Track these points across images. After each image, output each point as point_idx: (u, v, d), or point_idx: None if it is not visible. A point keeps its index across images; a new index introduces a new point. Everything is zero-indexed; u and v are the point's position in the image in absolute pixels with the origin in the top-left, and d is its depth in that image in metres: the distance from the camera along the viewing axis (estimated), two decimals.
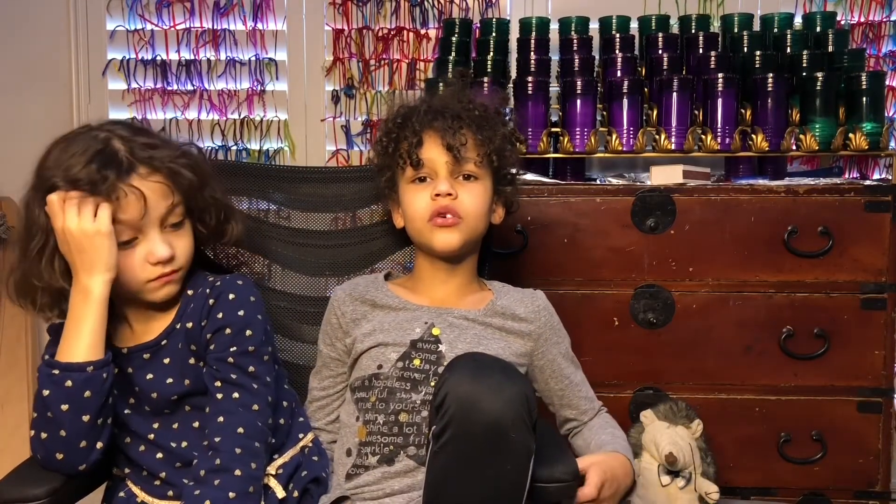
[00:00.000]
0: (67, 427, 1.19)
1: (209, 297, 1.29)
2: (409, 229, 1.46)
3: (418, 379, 1.34)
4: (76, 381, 1.18)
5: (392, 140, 1.45)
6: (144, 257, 1.24)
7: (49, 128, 2.57)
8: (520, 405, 1.12)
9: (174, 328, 1.30)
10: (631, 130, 2.01)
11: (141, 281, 1.25)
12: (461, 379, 1.13)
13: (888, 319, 1.83)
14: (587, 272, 1.87)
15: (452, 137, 1.38)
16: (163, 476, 1.29)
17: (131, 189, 1.21)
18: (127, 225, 1.22)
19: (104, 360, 1.21)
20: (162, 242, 1.25)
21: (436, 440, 1.14)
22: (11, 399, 2.33)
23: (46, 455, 1.22)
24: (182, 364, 1.29)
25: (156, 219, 1.24)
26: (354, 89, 2.50)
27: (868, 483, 1.86)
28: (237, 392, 1.25)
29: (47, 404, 1.18)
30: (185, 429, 1.30)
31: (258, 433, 1.25)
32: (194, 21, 2.51)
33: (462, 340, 1.37)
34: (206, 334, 1.27)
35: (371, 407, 1.35)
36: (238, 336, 1.27)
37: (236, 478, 1.20)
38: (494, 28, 2.26)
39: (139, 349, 1.30)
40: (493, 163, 1.43)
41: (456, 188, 1.39)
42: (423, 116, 1.42)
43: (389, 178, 1.48)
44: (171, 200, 1.25)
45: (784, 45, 2.15)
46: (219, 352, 1.26)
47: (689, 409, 1.72)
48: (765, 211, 1.84)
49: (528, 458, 1.15)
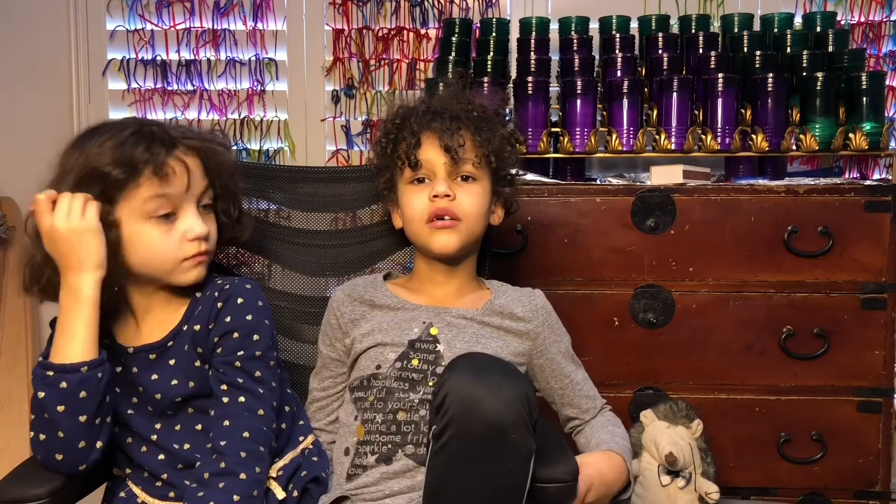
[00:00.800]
0: (65, 428, 1.19)
1: (217, 300, 1.28)
2: (407, 230, 1.46)
3: (416, 379, 1.34)
4: (70, 382, 1.18)
5: (391, 140, 1.45)
6: (183, 234, 1.25)
7: (49, 128, 2.61)
8: (520, 406, 1.12)
9: (181, 329, 1.30)
10: (631, 130, 2.01)
11: (177, 258, 1.26)
12: (461, 379, 1.13)
13: (888, 319, 1.83)
14: (587, 272, 1.87)
15: (450, 138, 1.38)
16: (164, 477, 1.29)
17: (177, 162, 1.24)
18: (169, 199, 1.24)
19: (99, 360, 1.20)
20: (199, 218, 1.27)
21: (436, 440, 1.14)
22: (11, 399, 2.33)
23: (46, 456, 1.21)
24: (188, 366, 1.29)
25: (194, 196, 1.27)
26: (354, 89, 2.50)
27: (868, 483, 1.86)
28: (243, 396, 1.25)
29: (43, 406, 1.18)
30: (188, 431, 1.29)
31: (263, 437, 1.25)
32: (194, 21, 2.51)
33: (460, 340, 1.37)
34: (213, 337, 1.27)
35: (369, 406, 1.35)
36: (245, 340, 1.27)
37: (241, 481, 1.20)
38: (494, 28, 2.26)
39: (145, 349, 1.30)
40: (492, 164, 1.43)
41: (454, 189, 1.39)
42: (421, 117, 1.42)
43: (388, 178, 1.48)
44: (206, 180, 1.28)
45: (784, 45, 2.15)
46: (226, 355, 1.26)
47: (689, 409, 1.72)
48: (765, 211, 1.84)
49: (529, 459, 1.15)
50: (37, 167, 1.27)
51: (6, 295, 2.41)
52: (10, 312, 2.40)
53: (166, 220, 1.25)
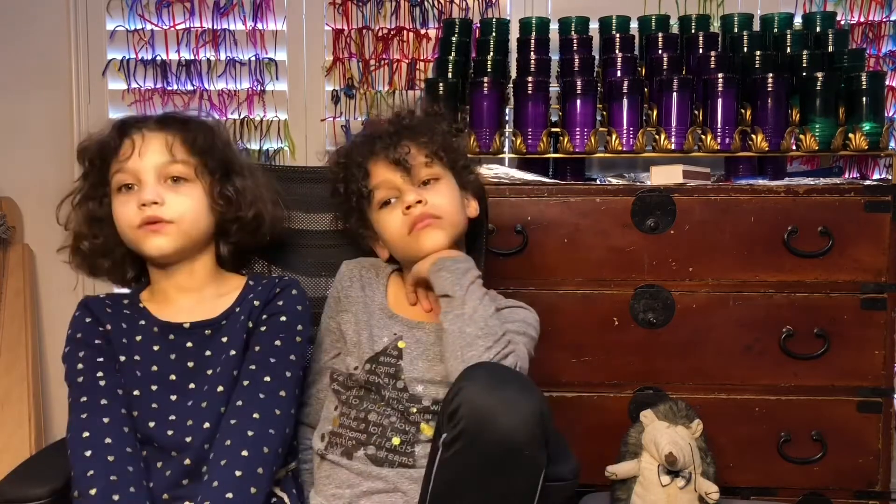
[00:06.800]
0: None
1: (276, 287, 1.38)
2: (395, 252, 1.45)
3: (382, 385, 1.36)
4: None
5: (342, 181, 1.46)
6: (138, 202, 1.31)
7: (49, 128, 2.61)
8: (534, 422, 1.11)
9: (234, 311, 1.36)
10: (631, 130, 2.01)
11: (133, 225, 1.31)
12: (477, 390, 1.12)
13: (888, 319, 1.83)
14: (587, 272, 1.87)
15: (395, 152, 1.40)
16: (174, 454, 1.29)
17: (139, 137, 1.33)
18: (128, 172, 1.32)
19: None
20: (155, 187, 1.31)
21: (445, 448, 1.13)
22: (11, 399, 2.33)
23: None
24: (237, 345, 1.33)
25: (153, 167, 1.32)
26: (354, 89, 2.50)
27: (868, 483, 1.86)
28: (269, 376, 1.29)
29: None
30: (195, 408, 1.30)
31: (274, 439, 1.26)
32: (194, 21, 2.51)
33: (423, 358, 1.37)
34: (263, 315, 1.34)
35: (346, 400, 1.38)
36: (290, 327, 1.34)
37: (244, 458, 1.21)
38: (494, 28, 2.26)
39: (201, 325, 1.35)
40: (443, 159, 1.43)
41: (422, 194, 1.39)
42: (360, 148, 1.44)
43: (358, 217, 1.48)
44: (177, 156, 1.33)
45: (784, 45, 2.15)
46: (269, 333, 1.32)
47: (689, 409, 1.72)
48: (765, 211, 1.84)
49: (539, 475, 1.15)
50: (37, 167, 1.28)
51: (6, 295, 2.41)
52: (10, 312, 2.40)
53: (128, 190, 1.33)
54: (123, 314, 1.36)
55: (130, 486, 1.20)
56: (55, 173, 2.45)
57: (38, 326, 2.46)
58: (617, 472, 1.70)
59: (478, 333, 1.26)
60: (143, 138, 1.33)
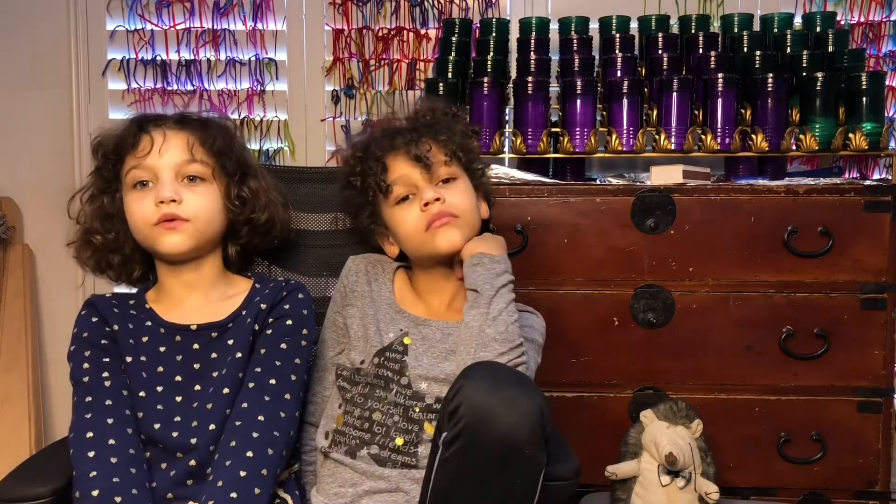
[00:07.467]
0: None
1: (283, 290, 1.38)
2: (408, 249, 1.45)
3: (387, 381, 1.36)
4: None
5: (358, 175, 1.45)
6: (154, 199, 1.31)
7: (49, 128, 2.61)
8: (535, 421, 1.11)
9: (240, 314, 1.36)
10: (631, 130, 2.01)
11: (149, 223, 1.31)
12: (477, 389, 1.13)
13: (888, 319, 1.83)
14: (587, 272, 1.87)
15: (416, 148, 1.40)
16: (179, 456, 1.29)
17: (159, 134, 1.33)
18: (144, 168, 1.32)
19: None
20: (172, 185, 1.31)
21: (446, 447, 1.14)
22: (11, 399, 2.33)
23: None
24: (243, 348, 1.33)
25: (170, 165, 1.32)
26: (354, 89, 2.50)
27: (868, 483, 1.86)
28: (274, 379, 1.29)
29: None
30: (200, 410, 1.30)
31: (279, 441, 1.26)
32: (194, 21, 2.51)
33: (429, 355, 1.38)
34: (269, 318, 1.35)
35: (350, 399, 1.38)
36: (295, 330, 1.35)
37: (249, 458, 1.22)
38: (494, 28, 2.26)
39: (208, 327, 1.35)
40: (461, 159, 1.44)
41: (441, 193, 1.39)
42: (381, 141, 1.43)
43: (370, 213, 1.47)
44: (196, 155, 1.34)
45: (784, 45, 2.15)
46: (275, 336, 1.33)
47: (689, 409, 1.72)
48: (765, 211, 1.84)
49: (539, 473, 1.15)
50: (37, 167, 1.28)
51: (6, 295, 2.41)
52: (10, 312, 2.40)
53: (143, 187, 1.33)
54: (130, 315, 1.37)
55: (133, 489, 1.20)
56: (55, 173, 2.46)
57: (38, 326, 2.45)
58: (617, 472, 1.71)
59: (496, 337, 1.28)
60: (164, 136, 1.33)
